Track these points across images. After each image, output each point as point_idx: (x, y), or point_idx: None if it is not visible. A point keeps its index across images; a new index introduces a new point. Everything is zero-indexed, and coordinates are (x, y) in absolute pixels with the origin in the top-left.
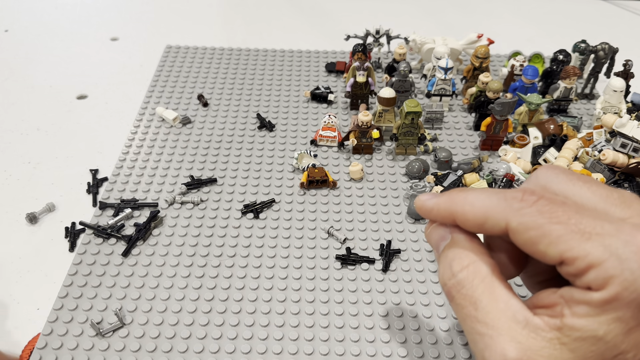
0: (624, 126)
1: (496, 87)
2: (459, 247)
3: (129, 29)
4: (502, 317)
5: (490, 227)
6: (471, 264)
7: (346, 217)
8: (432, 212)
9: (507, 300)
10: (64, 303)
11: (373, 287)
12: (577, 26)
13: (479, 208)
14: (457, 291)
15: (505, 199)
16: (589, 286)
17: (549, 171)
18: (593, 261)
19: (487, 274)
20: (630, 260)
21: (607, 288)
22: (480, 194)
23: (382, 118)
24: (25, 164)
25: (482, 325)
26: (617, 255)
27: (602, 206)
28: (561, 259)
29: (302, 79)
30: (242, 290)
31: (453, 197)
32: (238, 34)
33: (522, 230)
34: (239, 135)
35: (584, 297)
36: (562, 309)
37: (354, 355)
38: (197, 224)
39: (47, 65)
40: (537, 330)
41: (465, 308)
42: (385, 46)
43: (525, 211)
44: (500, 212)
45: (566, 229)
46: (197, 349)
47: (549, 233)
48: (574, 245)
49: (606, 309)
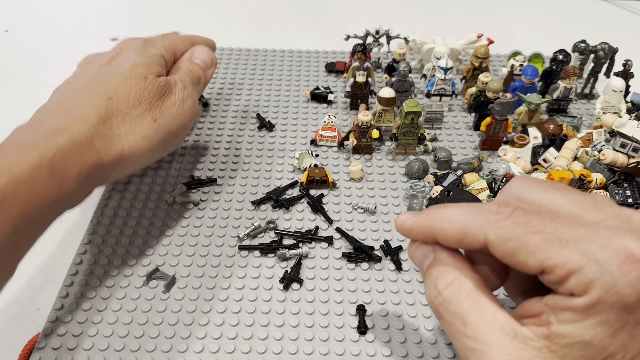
0: (623, 126)
1: (496, 87)
2: (442, 264)
3: (129, 29)
4: (490, 330)
5: (469, 241)
6: (455, 281)
7: (346, 217)
8: (413, 232)
9: (494, 313)
10: (64, 303)
11: (372, 288)
12: (577, 26)
13: (457, 224)
14: (444, 309)
15: (482, 213)
16: (572, 292)
17: (521, 182)
18: (572, 267)
19: (472, 289)
20: (609, 263)
21: (588, 293)
22: (457, 209)
23: (382, 118)
24: None
25: (472, 340)
26: (595, 260)
27: (576, 211)
28: (541, 268)
29: (302, 79)
30: (241, 290)
31: (431, 214)
32: (238, 34)
33: (500, 243)
34: (239, 135)
35: (568, 303)
36: (548, 316)
37: (353, 355)
38: (197, 224)
39: (47, 65)
40: (526, 341)
41: (453, 325)
42: (385, 46)
43: (502, 223)
44: (478, 226)
45: (543, 238)
46: (197, 348)
47: (526, 243)
48: (553, 253)
49: (590, 313)
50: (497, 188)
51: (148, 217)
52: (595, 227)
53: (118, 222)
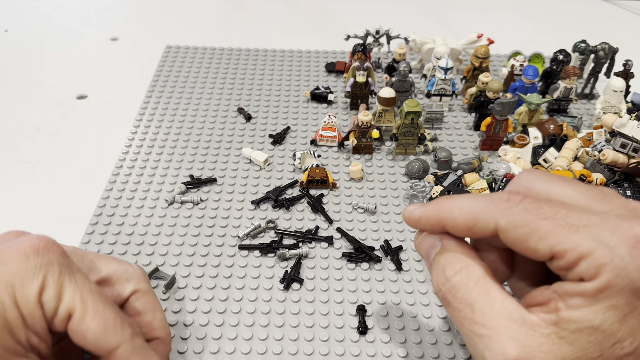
0: (623, 126)
1: (496, 87)
2: (450, 252)
3: (129, 29)
4: (499, 317)
5: (479, 229)
6: (464, 268)
7: (346, 217)
8: (421, 221)
9: (503, 300)
10: None
11: (373, 288)
12: (577, 26)
13: (467, 212)
14: (452, 295)
15: (492, 201)
16: (581, 277)
17: (530, 174)
18: (583, 252)
19: (480, 276)
20: (619, 247)
21: (599, 277)
22: (467, 198)
23: (382, 118)
24: (25, 164)
25: (480, 326)
26: (605, 244)
27: (584, 202)
28: (552, 253)
29: (302, 79)
30: (241, 290)
31: (440, 204)
32: (238, 34)
33: (511, 229)
34: (239, 135)
35: (577, 288)
36: (557, 303)
37: (354, 355)
38: (196, 223)
39: (47, 65)
40: (534, 327)
41: (461, 311)
42: (385, 46)
43: (513, 210)
44: (489, 214)
45: (554, 224)
46: (197, 349)
47: (537, 229)
48: (563, 238)
49: (600, 297)
50: (498, 188)
51: (148, 216)
52: (605, 215)
53: (117, 222)
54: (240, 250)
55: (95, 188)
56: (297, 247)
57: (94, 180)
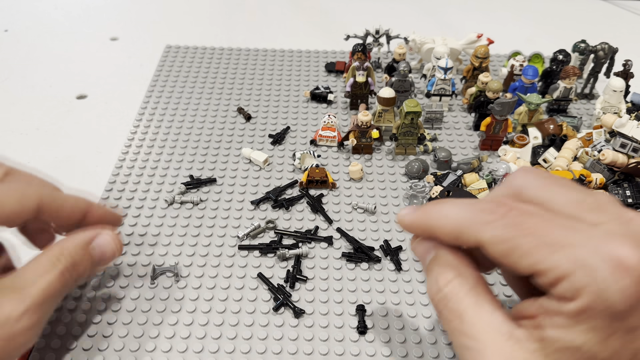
0: (623, 126)
1: (496, 87)
2: (443, 261)
3: (128, 29)
4: (487, 329)
5: (465, 240)
6: (455, 278)
7: (346, 217)
8: (412, 228)
9: (492, 312)
10: (64, 304)
11: (372, 288)
12: (577, 26)
13: (453, 222)
14: (443, 305)
15: (479, 211)
16: (563, 297)
17: (524, 176)
18: (563, 273)
19: (471, 287)
20: (601, 269)
21: (578, 298)
22: (454, 207)
23: (382, 118)
24: (25, 164)
25: (468, 338)
26: (586, 266)
27: (576, 212)
28: (532, 270)
29: (302, 78)
30: (241, 290)
31: (428, 211)
32: (238, 34)
33: (494, 243)
34: (239, 135)
35: (559, 308)
36: (543, 319)
37: (353, 355)
38: (196, 223)
39: (47, 65)
40: (521, 342)
41: (452, 322)
42: (385, 46)
43: (497, 224)
44: (473, 226)
45: (536, 241)
46: (197, 348)
47: (519, 246)
48: (544, 257)
49: (580, 319)
50: None
51: (147, 217)
52: (591, 232)
53: None
54: (239, 251)
55: (95, 188)
56: (296, 247)
57: (93, 180)
